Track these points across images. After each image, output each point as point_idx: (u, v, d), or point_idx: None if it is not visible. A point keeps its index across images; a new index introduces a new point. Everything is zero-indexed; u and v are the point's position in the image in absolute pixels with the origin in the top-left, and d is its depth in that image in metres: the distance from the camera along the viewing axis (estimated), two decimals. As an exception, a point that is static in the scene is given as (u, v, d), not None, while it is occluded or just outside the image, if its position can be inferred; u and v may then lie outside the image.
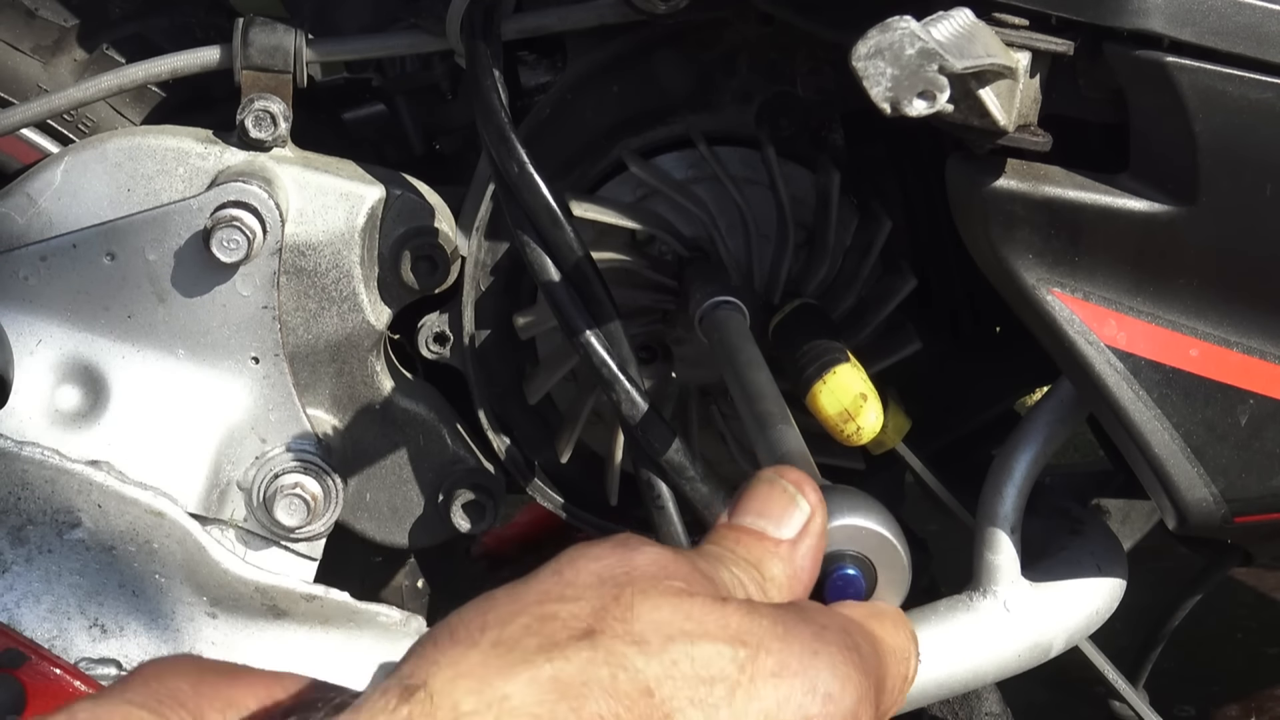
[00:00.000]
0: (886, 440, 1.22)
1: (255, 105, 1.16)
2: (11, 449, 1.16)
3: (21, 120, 1.19)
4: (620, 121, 1.21)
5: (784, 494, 0.58)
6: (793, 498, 0.58)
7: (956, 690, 1.18)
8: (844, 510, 0.65)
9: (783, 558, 0.56)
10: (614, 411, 1.09)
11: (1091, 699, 1.55)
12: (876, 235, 1.20)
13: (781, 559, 0.56)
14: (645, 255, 1.21)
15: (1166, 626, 1.45)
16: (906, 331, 1.22)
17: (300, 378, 1.21)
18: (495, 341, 1.25)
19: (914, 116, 0.74)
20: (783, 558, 0.56)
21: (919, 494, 1.32)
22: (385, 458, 1.26)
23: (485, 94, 1.09)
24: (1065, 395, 1.14)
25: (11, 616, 1.18)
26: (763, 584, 0.55)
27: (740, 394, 0.96)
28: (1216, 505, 1.02)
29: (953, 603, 1.17)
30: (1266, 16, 0.87)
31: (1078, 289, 0.96)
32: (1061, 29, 0.88)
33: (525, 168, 1.07)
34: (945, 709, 1.45)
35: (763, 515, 0.57)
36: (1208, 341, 0.97)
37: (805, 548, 0.57)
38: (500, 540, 1.64)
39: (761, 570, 0.55)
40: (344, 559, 1.32)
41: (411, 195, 1.20)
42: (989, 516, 1.15)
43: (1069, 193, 0.93)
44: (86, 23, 1.25)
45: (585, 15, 1.16)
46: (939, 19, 0.78)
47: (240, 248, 1.13)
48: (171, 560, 1.18)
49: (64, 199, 1.16)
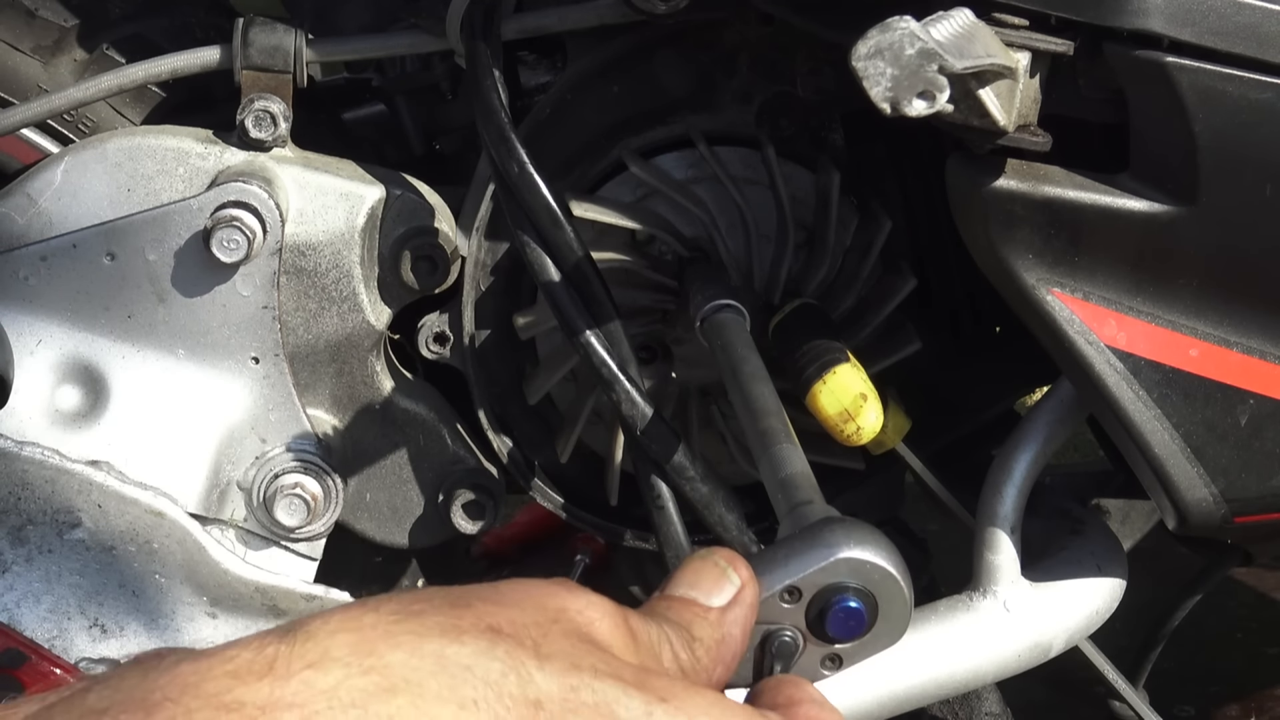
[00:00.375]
0: (886, 440, 1.22)
1: (255, 105, 1.16)
2: (11, 449, 1.16)
3: (21, 120, 1.19)
4: (620, 121, 1.21)
5: (715, 568, 0.60)
6: (724, 571, 0.60)
7: (956, 690, 1.18)
8: (849, 543, 0.65)
9: (711, 623, 0.58)
10: (614, 411, 1.09)
11: (1091, 699, 1.55)
12: (876, 235, 1.20)
13: (710, 624, 0.58)
14: (645, 255, 1.21)
15: (1166, 626, 1.45)
16: (906, 331, 1.22)
17: (300, 378, 1.21)
18: (495, 341, 1.25)
19: (914, 116, 0.74)
20: (711, 623, 0.58)
21: (919, 494, 1.32)
22: (385, 458, 1.26)
23: (485, 94, 1.09)
24: (1065, 395, 1.14)
25: (11, 616, 1.18)
26: (690, 643, 0.57)
27: (743, 408, 0.97)
28: (1216, 505, 1.02)
29: (953, 603, 1.17)
30: (1266, 16, 0.87)
31: (1078, 289, 0.96)
32: (1061, 29, 0.88)
33: (525, 168, 1.07)
34: (945, 709, 1.45)
35: (694, 587, 0.60)
36: (1208, 341, 0.97)
37: (735, 616, 0.59)
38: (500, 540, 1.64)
39: (691, 631, 0.57)
40: (344, 559, 1.32)
41: (411, 195, 1.20)
42: (989, 516, 1.15)
43: (1069, 193, 0.93)
44: (86, 23, 1.25)
45: (585, 15, 1.16)
46: (939, 19, 0.78)
47: (240, 248, 1.13)
48: (171, 560, 1.18)
49: (64, 199, 1.16)
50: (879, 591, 0.65)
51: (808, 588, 0.64)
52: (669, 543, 1.11)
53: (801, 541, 0.66)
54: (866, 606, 0.64)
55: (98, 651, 1.19)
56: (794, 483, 0.82)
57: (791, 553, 0.65)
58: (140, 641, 1.20)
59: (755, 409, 0.94)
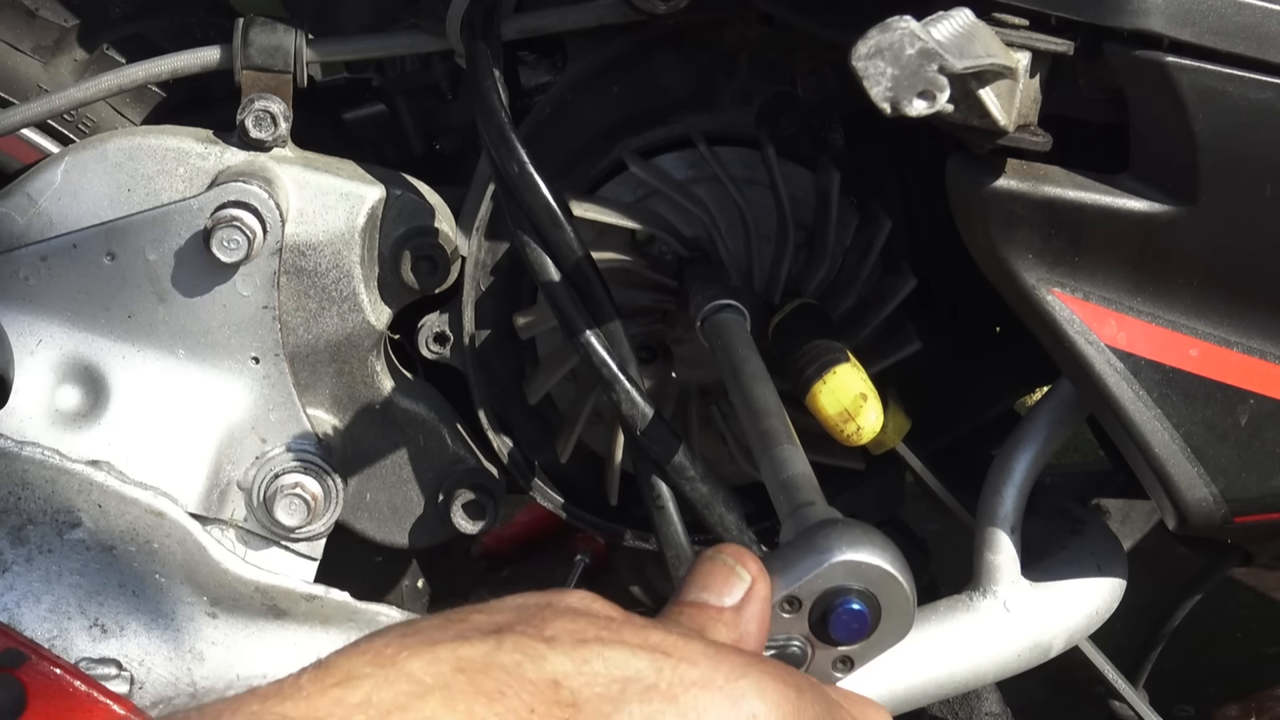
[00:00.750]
0: (886, 440, 1.22)
1: (255, 105, 1.16)
2: (12, 449, 1.16)
3: (21, 120, 1.19)
4: (620, 121, 1.21)
5: (724, 567, 0.60)
6: (733, 569, 0.60)
7: (956, 690, 1.18)
8: (841, 546, 0.65)
9: (727, 623, 0.58)
10: (614, 411, 1.09)
11: (1091, 699, 1.55)
12: (876, 235, 1.20)
13: (726, 625, 0.58)
14: (645, 255, 1.21)
15: (1166, 626, 1.45)
16: (906, 331, 1.22)
17: (300, 378, 1.21)
18: (495, 341, 1.25)
19: (914, 116, 0.74)
20: (727, 623, 0.58)
21: (919, 494, 1.32)
22: (385, 458, 1.26)
23: (485, 94, 1.09)
24: (1065, 395, 1.14)
25: (11, 616, 1.18)
26: None
27: (744, 409, 0.97)
28: (1216, 505, 1.02)
29: (953, 603, 1.17)
30: (1266, 16, 0.87)
31: (1078, 289, 0.96)
32: (1061, 29, 0.88)
33: (525, 168, 1.07)
34: (945, 709, 1.45)
35: (706, 589, 0.59)
36: (1208, 341, 0.97)
37: (750, 613, 0.59)
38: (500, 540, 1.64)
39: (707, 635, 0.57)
40: (344, 559, 1.32)
41: (411, 195, 1.20)
42: (989, 516, 1.15)
43: (1069, 193, 0.93)
44: (86, 23, 1.25)
45: (585, 15, 1.16)
46: (939, 19, 0.78)
47: (240, 248, 1.13)
48: (171, 560, 1.18)
49: (64, 199, 1.16)
50: (879, 590, 0.65)
51: (806, 596, 0.64)
52: (669, 543, 1.11)
53: (794, 550, 0.66)
54: (869, 607, 0.64)
55: (98, 651, 1.19)
56: (796, 484, 0.82)
57: (786, 563, 0.65)
58: (140, 641, 1.20)
59: (757, 410, 0.94)
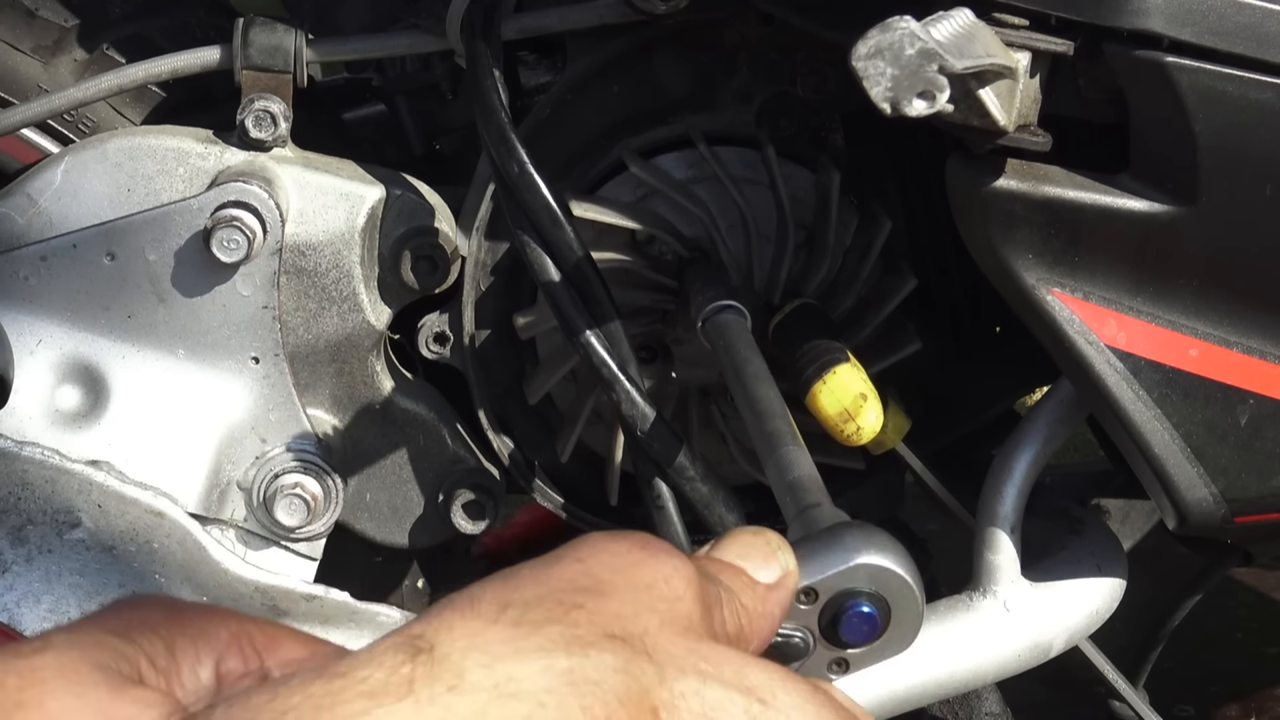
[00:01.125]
0: (886, 440, 1.22)
1: (255, 105, 1.16)
2: (11, 449, 1.16)
3: (21, 120, 1.19)
4: (620, 121, 1.21)
5: (766, 545, 0.59)
6: (774, 551, 0.59)
7: (956, 690, 1.18)
8: (869, 549, 0.65)
9: (759, 596, 0.57)
10: (614, 411, 1.09)
11: (1091, 699, 1.55)
12: (876, 235, 1.20)
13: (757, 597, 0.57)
14: (645, 255, 1.21)
15: (1166, 626, 1.45)
16: (906, 331, 1.22)
17: (300, 378, 1.21)
18: (495, 341, 1.25)
19: (914, 116, 0.74)
20: (759, 596, 0.57)
21: (919, 494, 1.32)
22: (385, 458, 1.26)
23: (485, 94, 1.09)
24: (1065, 395, 1.14)
25: (11, 616, 1.18)
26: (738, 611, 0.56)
27: (748, 410, 0.96)
28: (1216, 505, 1.02)
29: (953, 603, 1.17)
30: (1266, 16, 0.87)
31: (1078, 289, 0.96)
32: (1061, 29, 0.88)
33: (525, 168, 1.07)
34: (945, 709, 1.45)
35: (745, 558, 0.58)
36: (1208, 341, 0.97)
37: (778, 597, 0.58)
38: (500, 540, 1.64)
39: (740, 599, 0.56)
40: (344, 559, 1.32)
41: (411, 195, 1.20)
42: (989, 516, 1.15)
43: (1069, 193, 0.93)
44: (86, 23, 1.25)
45: (585, 15, 1.16)
46: (939, 19, 0.78)
47: (240, 248, 1.13)
48: (171, 560, 1.18)
49: (64, 199, 1.16)
50: (894, 599, 0.64)
51: (825, 590, 0.64)
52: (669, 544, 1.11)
53: (820, 544, 0.66)
54: (880, 613, 0.64)
55: (98, 651, 1.19)
56: (802, 485, 0.82)
57: (810, 554, 0.65)
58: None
59: (760, 411, 0.94)
